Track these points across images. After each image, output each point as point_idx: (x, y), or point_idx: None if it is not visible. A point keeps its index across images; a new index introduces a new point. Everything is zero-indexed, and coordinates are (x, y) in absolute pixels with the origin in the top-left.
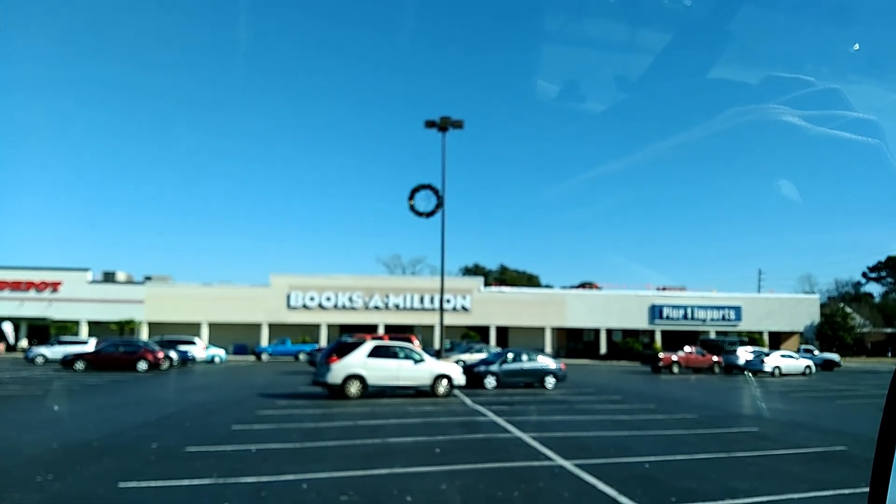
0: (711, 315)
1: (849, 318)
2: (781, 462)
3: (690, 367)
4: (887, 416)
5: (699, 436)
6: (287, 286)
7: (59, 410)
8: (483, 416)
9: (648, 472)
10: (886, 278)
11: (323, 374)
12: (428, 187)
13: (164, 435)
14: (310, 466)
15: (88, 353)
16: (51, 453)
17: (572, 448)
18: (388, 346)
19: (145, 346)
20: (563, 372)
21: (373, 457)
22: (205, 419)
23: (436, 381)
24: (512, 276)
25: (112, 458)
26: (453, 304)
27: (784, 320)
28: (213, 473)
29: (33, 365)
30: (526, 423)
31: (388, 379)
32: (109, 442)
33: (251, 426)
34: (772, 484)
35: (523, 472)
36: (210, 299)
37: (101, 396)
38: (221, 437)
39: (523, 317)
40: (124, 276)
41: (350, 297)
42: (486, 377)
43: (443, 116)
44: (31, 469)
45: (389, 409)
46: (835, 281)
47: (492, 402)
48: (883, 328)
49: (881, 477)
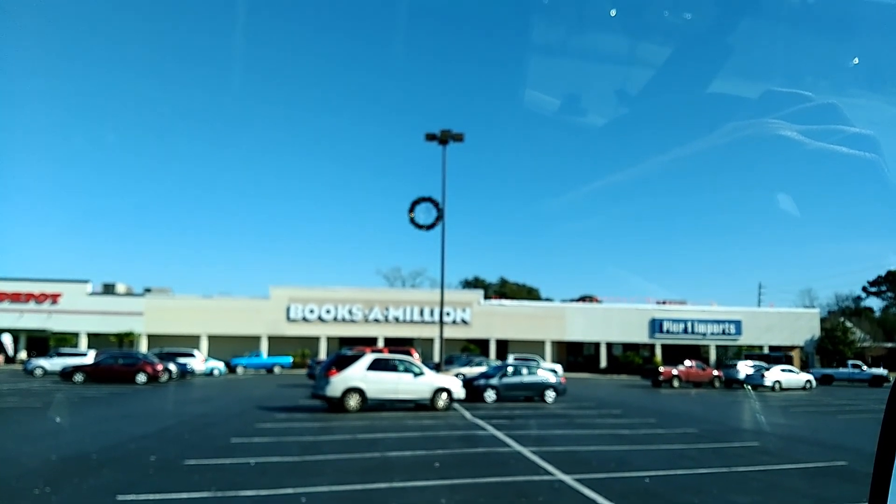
0: (711, 329)
1: (849, 333)
2: (783, 477)
3: (691, 381)
4: (886, 429)
5: (700, 450)
6: (287, 298)
7: (58, 423)
8: (483, 429)
9: (649, 486)
10: (886, 293)
11: (322, 387)
12: (428, 200)
13: (163, 447)
14: (309, 480)
15: (87, 366)
16: (49, 465)
17: (572, 462)
18: (387, 360)
19: (144, 358)
20: (562, 386)
21: (372, 471)
22: (203, 432)
23: (435, 395)
24: (512, 289)
25: (110, 471)
26: (453, 317)
27: (784, 334)
28: (212, 487)
29: (32, 377)
30: (526, 437)
31: (387, 392)
32: (108, 454)
33: (250, 439)
34: (773, 499)
35: (523, 487)
36: (209, 311)
37: (99, 409)
38: (220, 450)
39: (523, 330)
40: (124, 288)
41: (350, 310)
42: (485, 391)
43: (443, 129)
44: (29, 481)
45: (389, 422)
46: (835, 295)
47: (491, 415)
48: (883, 342)
49: (880, 490)
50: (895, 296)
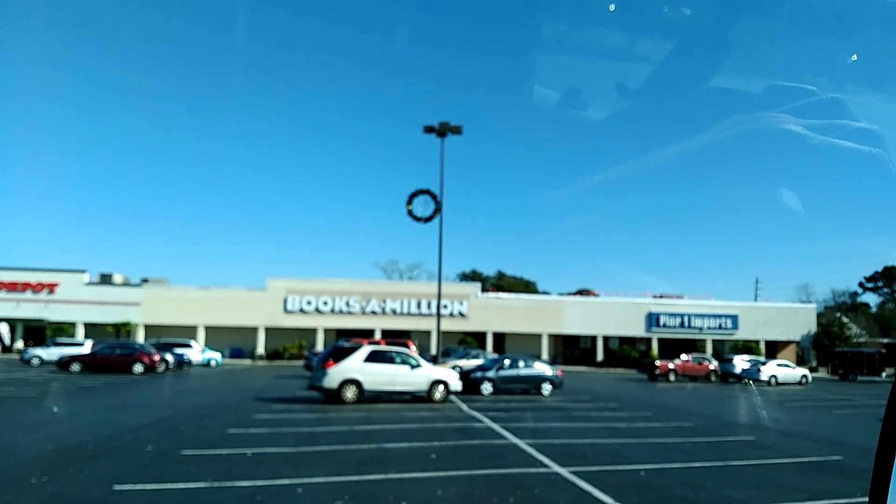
0: (708, 323)
1: (845, 328)
2: (778, 471)
3: (687, 375)
4: (886, 427)
5: (695, 444)
6: (284, 290)
7: (55, 412)
8: (479, 422)
9: (645, 479)
10: (883, 288)
11: (319, 379)
12: (426, 192)
13: (160, 438)
14: (305, 471)
15: (84, 355)
16: (45, 455)
17: (568, 455)
18: (384, 351)
19: (141, 348)
20: (559, 379)
21: (368, 462)
22: (200, 422)
23: (432, 387)
24: (509, 282)
25: (107, 461)
26: (450, 310)
27: (780, 329)
28: (208, 477)
29: (29, 366)
30: (522, 429)
31: (384, 384)
32: (104, 444)
33: (247, 430)
34: (768, 493)
35: (519, 479)
36: (207, 302)
37: (96, 399)
38: (217, 441)
39: (520, 323)
40: (121, 278)
41: (347, 302)
42: (482, 383)
43: (442, 122)
44: (25, 471)
45: (385, 414)
46: (831, 290)
47: (488, 408)
48: (879, 338)
49: (880, 486)
50: (892, 291)
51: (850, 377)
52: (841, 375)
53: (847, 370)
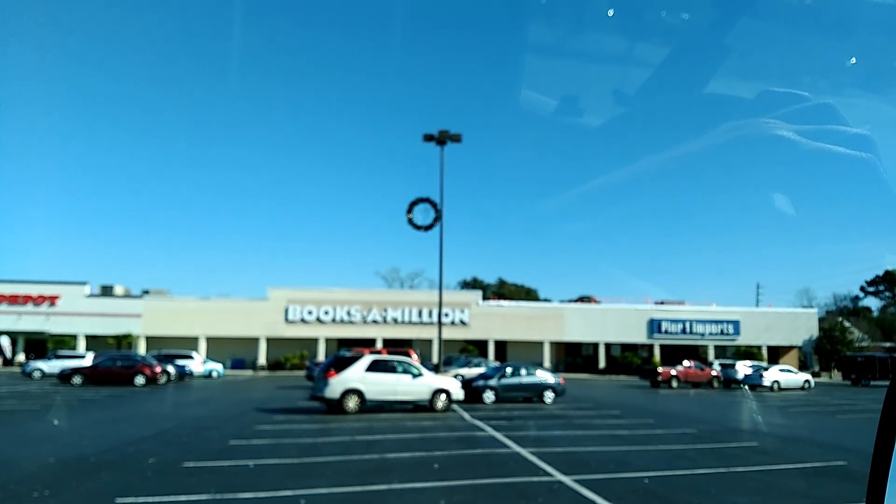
0: (710, 329)
1: (847, 333)
2: (781, 477)
3: (689, 381)
4: (882, 429)
5: (698, 451)
6: (285, 300)
7: (57, 425)
8: (482, 431)
9: (648, 487)
10: (884, 292)
11: (321, 389)
12: (426, 201)
13: (162, 450)
14: (308, 482)
15: (86, 368)
16: (47, 468)
17: (571, 463)
18: (386, 361)
19: (143, 360)
20: (561, 386)
21: (371, 472)
22: (202, 434)
23: (434, 396)
24: (510, 289)
25: (109, 474)
26: (451, 318)
27: (782, 335)
28: (211, 489)
29: (30, 379)
30: (525, 438)
31: (386, 394)
32: (106, 457)
33: (249, 441)
34: (771, 499)
35: (522, 488)
36: (208, 313)
37: (98, 411)
38: (219, 453)
39: (522, 331)
40: (122, 289)
41: (348, 311)
42: (484, 392)
43: (441, 130)
44: (27, 484)
45: (387, 424)
46: (833, 295)
47: (490, 416)
48: (881, 342)
49: (877, 490)
50: (893, 295)
51: (863, 382)
52: (853, 380)
53: (859, 375)
